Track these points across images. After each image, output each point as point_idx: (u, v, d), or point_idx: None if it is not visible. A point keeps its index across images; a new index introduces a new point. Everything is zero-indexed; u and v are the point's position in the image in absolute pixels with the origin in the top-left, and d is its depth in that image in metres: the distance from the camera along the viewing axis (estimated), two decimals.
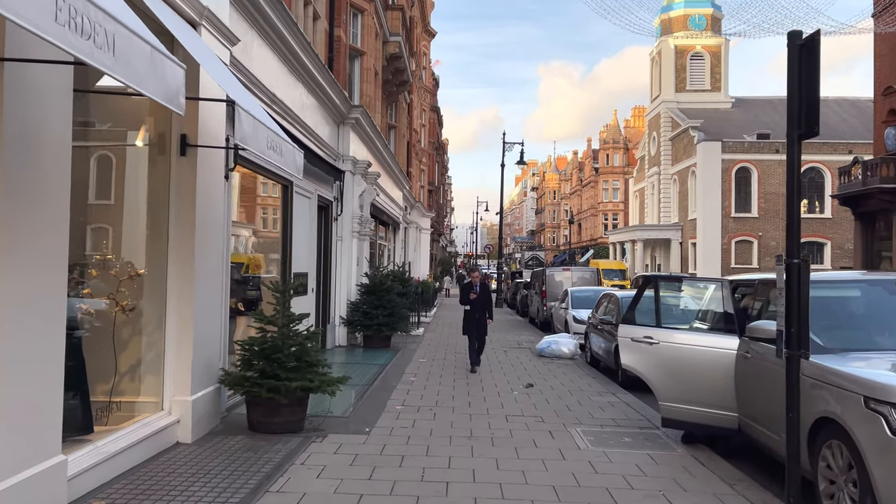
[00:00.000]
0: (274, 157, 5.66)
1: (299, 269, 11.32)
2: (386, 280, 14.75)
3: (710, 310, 7.62)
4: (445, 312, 26.90)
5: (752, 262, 42.71)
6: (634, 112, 79.28)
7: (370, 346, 14.34)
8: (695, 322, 8.01)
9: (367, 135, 16.22)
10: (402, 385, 9.89)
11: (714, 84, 49.92)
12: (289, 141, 6.16)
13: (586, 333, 13.54)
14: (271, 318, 7.06)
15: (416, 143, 36.87)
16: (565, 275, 21.49)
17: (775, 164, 42.60)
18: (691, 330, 7.27)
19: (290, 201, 10.72)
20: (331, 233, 13.95)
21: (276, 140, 5.74)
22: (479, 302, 11.76)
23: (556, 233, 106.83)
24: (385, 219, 21.60)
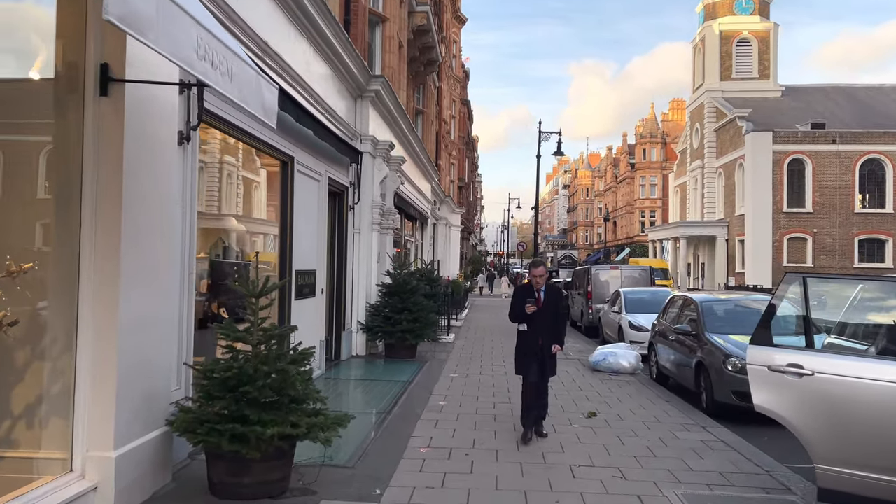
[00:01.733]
0: (215, 77, 3.56)
1: (304, 266, 9.29)
2: (411, 279, 12.66)
3: (865, 322, 5.35)
4: (478, 314, 24.75)
5: (806, 261, 39.73)
6: (673, 105, 76.21)
7: (392, 356, 12.27)
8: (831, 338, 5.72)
9: (390, 113, 14.15)
10: (429, 413, 7.77)
11: (762, 72, 46.88)
12: (249, 62, 4.08)
13: (651, 344, 11.28)
14: (242, 333, 4.99)
15: (445, 135, 34.78)
16: (613, 274, 19.18)
17: (831, 155, 39.58)
18: (865, 355, 4.96)
19: (291, 182, 8.68)
20: (346, 224, 11.89)
21: (217, 49, 3.57)
22: (543, 319, 6.84)
23: (589, 231, 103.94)
24: (411, 212, 19.55)
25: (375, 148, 12.86)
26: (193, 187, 5.75)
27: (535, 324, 6.86)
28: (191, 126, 5.53)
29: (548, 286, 7.02)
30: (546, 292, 6.96)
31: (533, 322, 6.86)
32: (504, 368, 11.39)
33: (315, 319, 9.92)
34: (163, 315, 4.95)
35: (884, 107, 44.46)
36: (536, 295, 6.89)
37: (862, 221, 39.53)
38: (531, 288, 6.96)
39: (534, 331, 6.90)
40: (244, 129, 6.93)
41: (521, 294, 7.05)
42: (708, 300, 9.62)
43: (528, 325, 6.93)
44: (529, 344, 6.93)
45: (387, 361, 11.90)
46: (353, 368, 11.08)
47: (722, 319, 9.15)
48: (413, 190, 19.50)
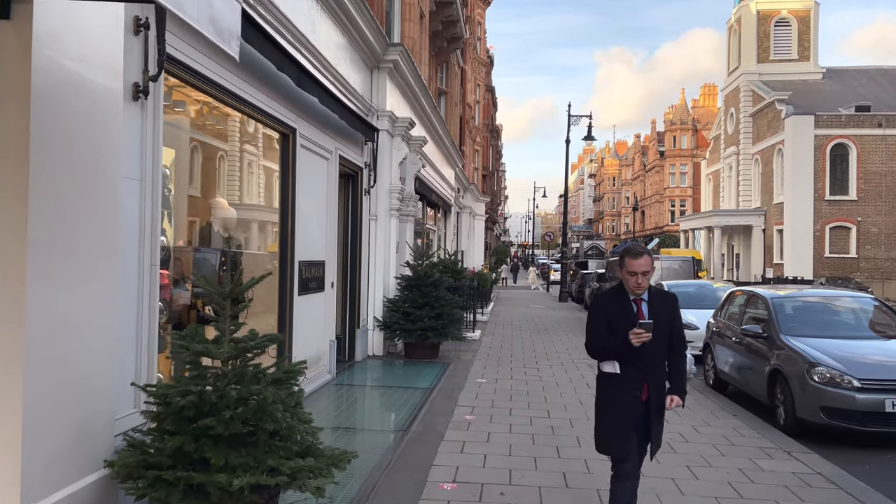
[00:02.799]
0: None
1: (309, 256, 8.07)
2: (433, 271, 11.41)
3: None
4: (504, 308, 23.46)
5: (849, 251, 37.75)
6: (704, 90, 73.82)
7: (412, 356, 11.04)
8: None
9: (410, 88, 12.87)
10: (454, 432, 6.52)
11: (802, 53, 44.67)
12: None
13: (707, 345, 9.89)
14: (207, 345, 3.77)
15: (469, 120, 33.42)
16: None
17: (878, 139, 37.46)
18: None
19: (293, 158, 7.45)
20: (360, 210, 10.66)
21: None
22: (652, 351, 3.82)
23: (615, 221, 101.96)
24: (434, 199, 18.28)
25: (394, 126, 11.60)
26: (157, 157, 4.54)
27: (638, 361, 3.75)
28: (149, 76, 4.31)
29: (654, 292, 3.91)
30: (652, 303, 3.84)
31: (635, 358, 3.74)
32: (538, 373, 10.11)
33: (324, 317, 8.72)
34: (104, 321, 3.75)
35: None
36: (637, 308, 3.79)
37: None
38: (625, 295, 3.82)
39: (634, 374, 3.79)
40: (229, 88, 5.71)
41: (608, 306, 3.90)
42: (779, 296, 8.21)
43: (625, 365, 3.79)
44: (625, 398, 3.80)
45: (406, 363, 10.67)
46: (368, 371, 9.87)
47: (798, 319, 7.76)
48: (435, 175, 18.24)
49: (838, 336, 7.39)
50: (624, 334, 3.69)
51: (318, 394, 8.05)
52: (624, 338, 3.68)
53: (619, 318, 3.79)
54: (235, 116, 6.59)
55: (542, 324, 18.01)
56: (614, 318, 3.81)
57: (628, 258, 3.78)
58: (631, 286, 3.81)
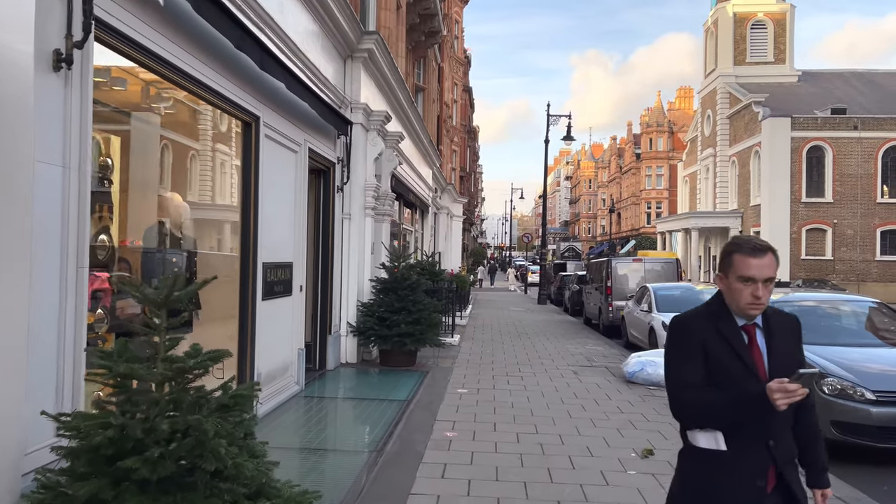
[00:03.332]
0: None
1: (275, 257, 7.38)
2: (410, 274, 10.76)
3: None
4: (483, 311, 22.88)
5: (825, 254, 37.86)
6: (680, 93, 74.12)
7: (388, 364, 10.38)
8: None
9: (386, 80, 12.21)
10: (434, 452, 5.88)
11: (778, 56, 44.84)
12: None
13: None
14: (138, 366, 3.08)
15: (447, 119, 32.85)
16: (634, 267, 17.28)
17: (853, 142, 37.64)
18: None
19: (255, 149, 6.76)
20: (332, 207, 9.99)
21: None
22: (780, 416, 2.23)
23: (591, 223, 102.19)
24: (411, 198, 17.63)
25: (368, 119, 10.94)
26: (84, 140, 3.84)
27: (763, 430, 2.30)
28: (73, 42, 3.62)
29: (771, 314, 2.47)
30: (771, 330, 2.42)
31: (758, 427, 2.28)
32: (522, 381, 9.51)
33: (292, 323, 8.04)
34: (9, 334, 3.05)
35: None
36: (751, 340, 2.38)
37: (884, 212, 37.63)
38: (728, 319, 2.39)
39: (754, 453, 2.31)
40: (178, 65, 5.01)
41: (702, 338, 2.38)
42: (781, 301, 7.69)
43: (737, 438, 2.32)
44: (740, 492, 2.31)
45: (381, 371, 10.01)
46: (341, 381, 9.19)
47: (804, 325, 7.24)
48: (413, 174, 17.60)
49: (844, 344, 6.90)
50: (744, 386, 2.24)
51: (285, 408, 7.36)
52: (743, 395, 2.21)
53: (725, 357, 2.32)
54: (190, 101, 5.90)
55: (523, 327, 17.45)
56: (717, 358, 2.32)
57: (741, 255, 2.34)
58: (743, 304, 2.32)
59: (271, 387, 7.30)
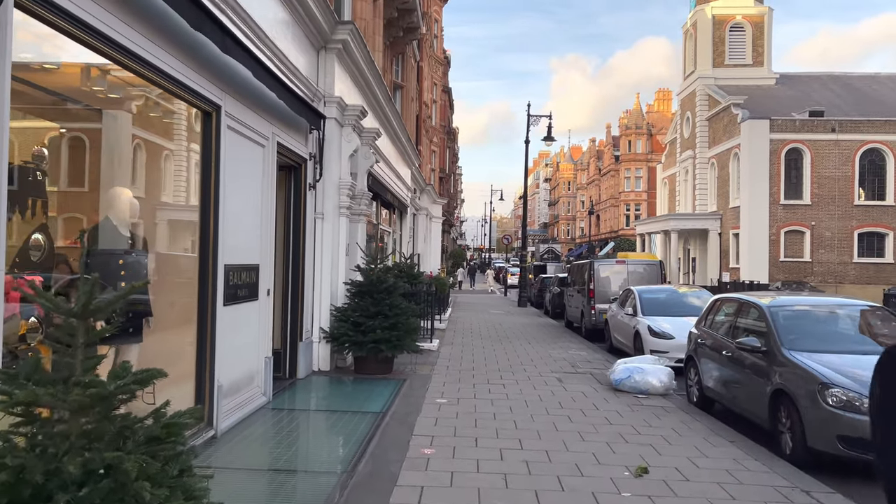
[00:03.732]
0: None
1: (239, 259, 6.83)
2: (387, 276, 10.24)
3: None
4: (463, 314, 22.40)
5: (803, 255, 37.92)
6: (659, 95, 74.36)
7: (364, 371, 9.86)
8: None
9: (362, 74, 11.68)
10: (410, 473, 5.37)
11: (756, 58, 44.94)
12: None
13: (689, 358, 8.95)
14: (45, 391, 2.53)
15: (426, 119, 32.35)
16: (617, 269, 16.90)
17: (830, 144, 37.76)
18: None
19: (216, 141, 6.20)
20: (304, 206, 9.43)
21: None
22: None
23: (571, 225, 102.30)
24: (389, 198, 17.09)
25: (343, 113, 10.41)
26: (2, 119, 3.29)
27: None
28: None
29: None
30: None
31: None
32: (504, 389, 9.03)
33: (258, 330, 7.48)
34: None
35: (880, 96, 42.81)
36: None
37: (862, 214, 37.79)
38: None
39: None
40: (123, 43, 4.46)
41: None
42: (777, 304, 7.29)
43: None
44: None
45: (356, 380, 9.47)
46: (312, 391, 8.64)
47: (800, 331, 6.85)
48: (390, 173, 17.06)
49: (846, 350, 6.51)
50: None
51: (250, 421, 6.81)
52: None
53: None
54: (142, 86, 5.33)
55: (504, 331, 16.99)
56: None
57: None
58: None
59: (234, 399, 6.75)
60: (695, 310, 12.43)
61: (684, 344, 10.82)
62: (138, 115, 5.63)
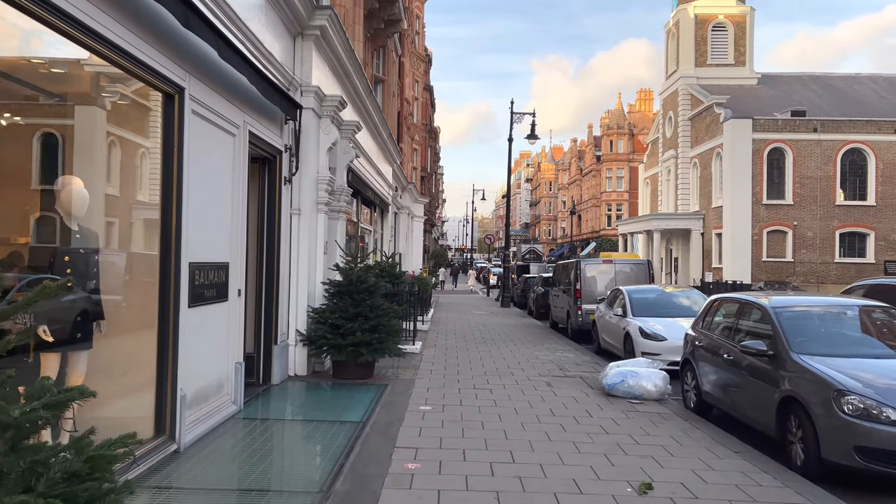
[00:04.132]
0: None
1: (206, 256, 6.28)
2: (367, 276, 9.72)
3: None
4: (446, 314, 21.91)
5: (785, 255, 37.91)
6: (640, 95, 74.44)
7: (343, 376, 9.33)
8: None
9: (341, 63, 11.15)
10: (393, 492, 4.86)
11: (738, 58, 44.95)
12: None
13: (686, 361, 8.53)
14: None
15: (408, 116, 31.83)
16: (604, 269, 16.50)
17: (812, 144, 37.79)
18: None
19: (180, 127, 5.65)
20: (279, 201, 8.88)
21: None
22: None
23: (552, 225, 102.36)
24: (370, 196, 16.56)
25: (321, 104, 9.87)
26: None
27: None
28: None
29: None
30: None
31: None
32: (491, 395, 8.55)
33: (227, 333, 6.93)
34: None
35: (861, 96, 43.03)
36: None
37: (843, 214, 37.87)
38: None
39: None
40: (62, 8, 3.90)
41: None
42: (782, 305, 6.87)
43: None
44: None
45: (334, 386, 8.93)
46: (287, 399, 8.10)
47: (807, 333, 6.45)
48: (371, 170, 16.53)
49: (858, 354, 6.11)
50: None
51: (217, 433, 6.26)
52: None
53: None
54: (94, 64, 4.77)
55: (488, 332, 16.53)
56: None
57: None
58: None
59: (201, 409, 6.20)
60: (686, 310, 12.07)
61: (677, 346, 10.46)
62: (86, 97, 5.07)
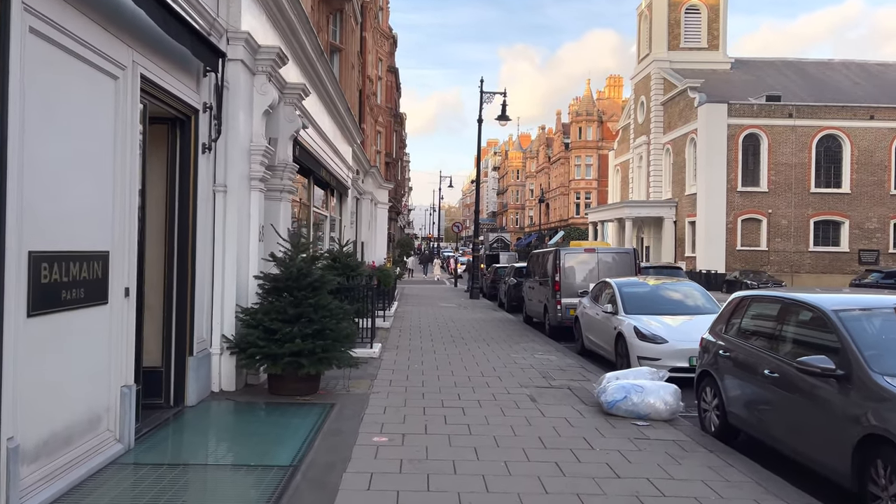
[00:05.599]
0: None
1: (65, 243, 4.43)
2: (312, 268, 7.91)
3: None
4: (409, 308, 20.14)
5: (760, 244, 37.04)
6: (610, 82, 73.26)
7: (280, 392, 7.55)
8: None
9: (282, 13, 9.27)
10: None
11: (711, 41, 43.89)
12: None
13: (705, 374, 6.90)
14: None
15: (370, 95, 29.85)
16: (583, 258, 14.85)
17: (788, 130, 36.90)
18: None
19: (3, 45, 3.79)
20: (194, 174, 6.99)
21: None
22: None
23: (520, 214, 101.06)
24: (323, 176, 14.66)
25: (255, 57, 8.02)
26: None
27: None
28: None
29: None
30: None
31: None
32: (464, 416, 6.85)
33: (108, 348, 5.08)
34: None
35: (834, 82, 42.34)
36: None
37: (818, 202, 37.11)
38: None
39: None
40: None
41: None
42: (846, 306, 5.25)
43: None
44: None
45: (268, 406, 7.14)
46: (201, 428, 6.28)
47: (886, 346, 4.86)
48: (326, 147, 14.66)
49: None
50: None
51: (83, 492, 4.44)
52: None
53: None
54: None
55: (457, 329, 14.85)
56: None
57: None
58: None
59: (57, 459, 4.38)
60: (685, 307, 10.55)
61: (680, 349, 8.93)
62: None
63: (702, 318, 10.02)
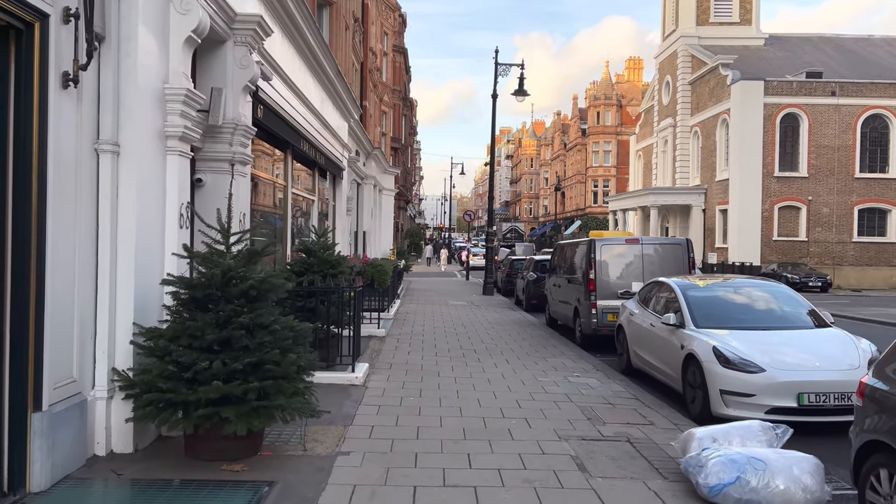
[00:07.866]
0: None
1: None
2: (249, 267, 5.28)
3: None
4: (414, 307, 17.50)
5: (798, 234, 34.07)
6: (629, 64, 70.05)
7: (201, 455, 4.98)
8: None
9: None
10: None
11: (744, 16, 40.67)
12: None
13: (874, 446, 4.21)
14: None
15: (374, 70, 27.20)
16: (620, 251, 12.10)
17: (830, 109, 33.80)
18: None
19: None
20: (40, 121, 4.37)
21: None
22: None
23: (534, 203, 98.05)
24: (307, 151, 12.02)
25: None
26: None
27: None
28: None
29: None
30: None
31: None
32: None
33: None
34: None
35: (876, 58, 39.09)
36: None
37: (862, 188, 34.05)
38: None
39: None
40: None
41: None
42: None
43: None
44: None
45: (172, 490, 4.54)
46: None
47: None
48: (310, 117, 12.03)
49: None
50: None
51: None
52: None
53: None
54: None
55: (467, 336, 12.23)
56: None
57: None
58: None
59: None
60: (776, 316, 7.84)
61: (784, 382, 6.29)
62: None
63: (804, 333, 7.38)
